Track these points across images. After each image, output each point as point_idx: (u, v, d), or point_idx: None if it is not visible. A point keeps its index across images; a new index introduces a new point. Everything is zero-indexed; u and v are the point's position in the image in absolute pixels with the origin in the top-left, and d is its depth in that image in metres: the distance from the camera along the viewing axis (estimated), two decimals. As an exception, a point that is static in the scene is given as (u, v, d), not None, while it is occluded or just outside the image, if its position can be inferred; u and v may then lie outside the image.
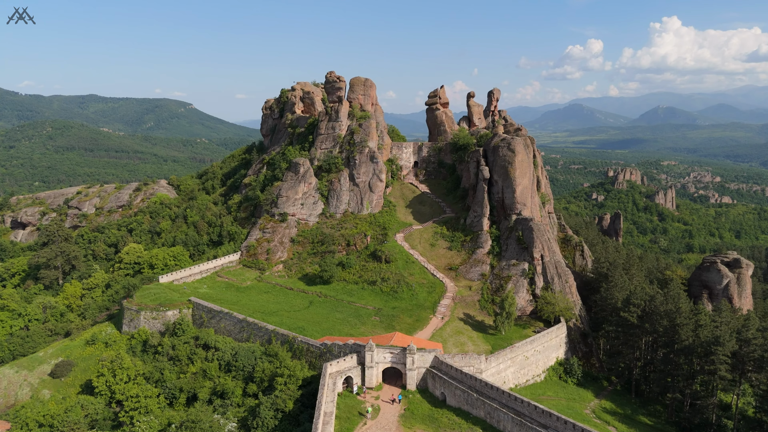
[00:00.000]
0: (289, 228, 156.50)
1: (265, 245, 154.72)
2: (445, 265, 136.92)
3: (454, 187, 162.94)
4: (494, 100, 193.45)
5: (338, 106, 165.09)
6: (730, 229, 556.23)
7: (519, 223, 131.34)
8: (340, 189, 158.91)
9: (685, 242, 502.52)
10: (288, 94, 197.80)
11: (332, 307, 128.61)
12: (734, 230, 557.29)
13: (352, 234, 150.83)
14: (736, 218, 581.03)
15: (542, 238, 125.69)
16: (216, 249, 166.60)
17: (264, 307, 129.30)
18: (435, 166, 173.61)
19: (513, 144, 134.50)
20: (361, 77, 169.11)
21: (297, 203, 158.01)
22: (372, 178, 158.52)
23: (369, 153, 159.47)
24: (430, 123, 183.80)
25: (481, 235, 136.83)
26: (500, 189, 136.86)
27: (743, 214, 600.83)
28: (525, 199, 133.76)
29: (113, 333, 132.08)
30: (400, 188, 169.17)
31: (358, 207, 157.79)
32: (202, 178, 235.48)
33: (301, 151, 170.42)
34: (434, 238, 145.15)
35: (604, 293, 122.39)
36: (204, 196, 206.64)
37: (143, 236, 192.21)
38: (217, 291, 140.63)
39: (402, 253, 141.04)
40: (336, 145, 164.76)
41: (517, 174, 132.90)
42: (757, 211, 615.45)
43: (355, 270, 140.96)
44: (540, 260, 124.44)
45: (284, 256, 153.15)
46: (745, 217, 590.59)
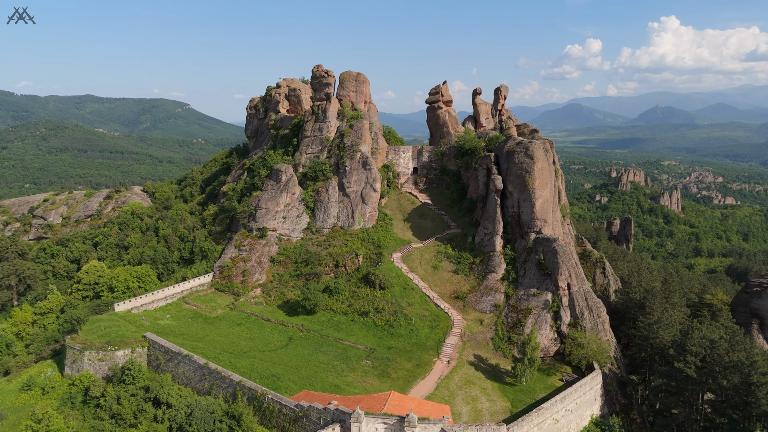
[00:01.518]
0: (269, 245, 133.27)
1: (241, 265, 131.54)
2: (450, 292, 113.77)
3: (460, 198, 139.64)
4: (501, 98, 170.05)
5: (326, 105, 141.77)
6: (738, 232, 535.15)
7: (539, 243, 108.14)
8: (327, 200, 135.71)
9: (693, 245, 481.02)
10: (272, 91, 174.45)
11: (315, 345, 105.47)
12: (741, 233, 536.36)
13: (341, 253, 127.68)
14: (743, 220, 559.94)
15: (568, 263, 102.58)
16: (187, 268, 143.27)
17: (234, 344, 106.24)
18: (437, 173, 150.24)
19: (531, 149, 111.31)
20: (352, 71, 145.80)
21: (278, 216, 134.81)
22: (364, 187, 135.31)
23: (361, 158, 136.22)
24: (431, 124, 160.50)
25: (493, 257, 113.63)
26: (516, 202, 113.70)
27: (750, 216, 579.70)
28: (546, 214, 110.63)
29: (54, 376, 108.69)
30: (397, 198, 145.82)
31: (348, 221, 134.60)
32: (181, 184, 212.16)
33: (285, 156, 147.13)
34: (437, 258, 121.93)
35: (644, 329, 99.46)
36: (180, 205, 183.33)
37: (109, 251, 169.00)
38: (181, 322, 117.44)
39: (399, 277, 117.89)
40: (323, 150, 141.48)
41: (537, 185, 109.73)
42: (764, 212, 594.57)
43: (344, 297, 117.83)
44: (566, 290, 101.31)
45: (262, 278, 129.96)
46: (752, 219, 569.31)
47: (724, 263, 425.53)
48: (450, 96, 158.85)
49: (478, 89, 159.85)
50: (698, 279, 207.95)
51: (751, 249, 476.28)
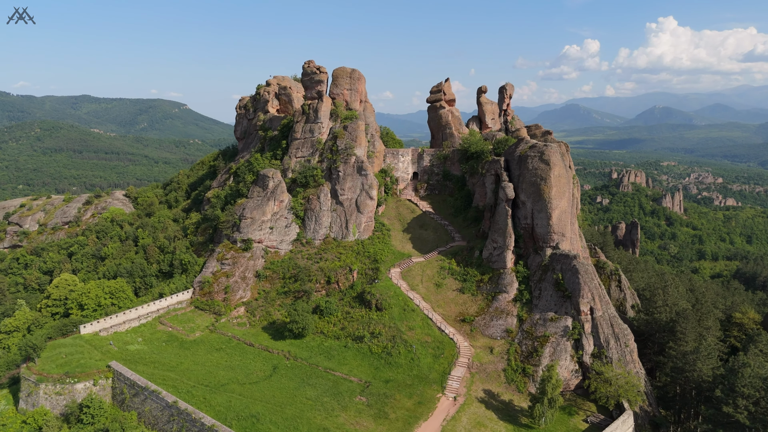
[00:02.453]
0: (254, 259, 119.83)
1: (224, 281, 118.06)
2: (455, 314, 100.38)
3: (464, 206, 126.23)
4: (507, 98, 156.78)
5: (317, 104, 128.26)
6: (741, 234, 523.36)
7: (557, 260, 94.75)
8: (319, 209, 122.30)
9: (696, 248, 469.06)
10: (261, 90, 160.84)
11: (303, 377, 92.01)
12: (745, 235, 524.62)
13: (333, 268, 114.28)
14: (746, 222, 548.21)
15: (591, 284, 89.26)
16: (165, 283, 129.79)
17: (211, 375, 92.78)
18: (439, 179, 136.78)
19: (547, 153, 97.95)
20: (346, 67, 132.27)
21: (265, 227, 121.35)
22: (360, 194, 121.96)
23: (356, 163, 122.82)
24: (432, 124, 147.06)
25: (503, 275, 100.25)
26: (529, 213, 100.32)
27: (752, 218, 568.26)
28: (563, 227, 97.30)
29: (7, 411, 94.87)
30: (395, 206, 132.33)
31: (342, 231, 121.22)
32: (166, 188, 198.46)
33: (273, 161, 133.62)
34: (440, 275, 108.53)
35: (677, 360, 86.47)
36: (164, 212, 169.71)
37: (85, 261, 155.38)
38: (154, 347, 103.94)
39: (398, 296, 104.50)
40: (315, 153, 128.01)
41: (554, 194, 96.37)
42: (767, 214, 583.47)
43: (337, 319, 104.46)
44: (589, 315, 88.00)
45: (246, 295, 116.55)
46: (755, 221, 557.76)
47: (729, 267, 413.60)
48: (453, 94, 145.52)
49: (484, 87, 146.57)
50: (716, 290, 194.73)
51: (755, 252, 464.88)
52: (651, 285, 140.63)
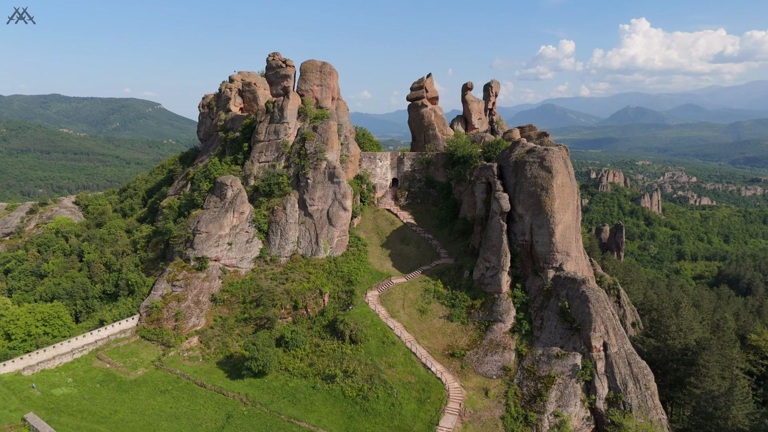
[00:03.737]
0: (210, 280, 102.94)
1: (174, 306, 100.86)
2: (443, 347, 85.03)
3: (450, 217, 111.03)
4: (492, 96, 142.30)
5: (283, 102, 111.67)
6: (719, 234, 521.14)
7: (562, 285, 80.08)
8: (285, 221, 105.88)
9: (675, 248, 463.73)
10: (223, 86, 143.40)
11: (262, 429, 75.78)
12: (722, 234, 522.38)
13: (301, 290, 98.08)
14: (723, 221, 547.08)
15: (604, 314, 74.75)
16: (110, 306, 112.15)
17: (150, 428, 76.02)
18: (422, 186, 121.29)
19: (549, 159, 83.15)
20: (316, 60, 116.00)
21: (222, 242, 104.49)
22: (332, 205, 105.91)
23: (327, 169, 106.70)
24: (413, 125, 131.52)
25: (498, 301, 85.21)
26: (527, 228, 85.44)
27: (729, 217, 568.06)
28: (568, 245, 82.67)
29: None
30: (373, 218, 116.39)
31: (311, 247, 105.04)
32: (122, 194, 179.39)
33: (233, 166, 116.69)
34: (425, 299, 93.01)
35: (705, 403, 72.60)
36: (115, 222, 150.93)
37: (23, 279, 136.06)
38: (85, 390, 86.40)
39: (376, 325, 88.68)
40: (280, 157, 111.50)
41: (557, 206, 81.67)
42: (742, 213, 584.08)
43: (304, 353, 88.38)
44: (602, 351, 73.47)
45: (201, 323, 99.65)
46: (731, 220, 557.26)
47: (710, 268, 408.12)
48: (435, 91, 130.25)
49: (469, 84, 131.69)
50: (710, 298, 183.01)
51: (733, 251, 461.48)
52: (652, 300, 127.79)
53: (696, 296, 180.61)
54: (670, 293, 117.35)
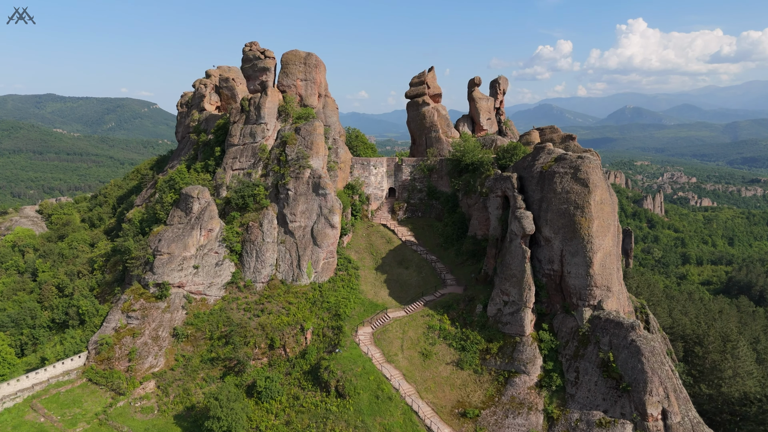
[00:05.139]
0: (172, 310, 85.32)
1: (129, 342, 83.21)
2: (452, 404, 67.57)
3: (457, 235, 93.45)
4: (500, 93, 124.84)
5: (261, 99, 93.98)
6: (723, 236, 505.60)
7: (603, 330, 62.70)
8: (262, 240, 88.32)
9: (680, 251, 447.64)
10: (197, 83, 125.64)
11: None
12: (726, 237, 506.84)
13: (279, 325, 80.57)
14: (726, 224, 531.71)
15: (661, 371, 57.36)
16: (59, 338, 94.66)
17: None
18: (423, 197, 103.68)
19: (585, 170, 65.76)
20: (299, 51, 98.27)
21: (187, 265, 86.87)
22: (317, 221, 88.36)
23: (312, 178, 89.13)
24: (413, 126, 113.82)
25: (521, 346, 67.79)
26: (557, 255, 68.04)
27: (732, 219, 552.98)
28: (609, 277, 65.32)
29: None
30: (366, 235, 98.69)
31: (292, 272, 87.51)
32: (92, 201, 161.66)
33: (203, 174, 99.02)
34: (428, 338, 75.51)
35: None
36: (79, 235, 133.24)
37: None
38: (7, 456, 69.16)
39: (369, 373, 71.14)
40: (257, 164, 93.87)
41: (595, 229, 64.30)
42: (746, 215, 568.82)
43: (281, 406, 70.94)
44: (659, 421, 56.11)
45: (159, 363, 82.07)
46: (735, 222, 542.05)
47: (717, 272, 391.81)
48: (438, 87, 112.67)
49: (477, 79, 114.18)
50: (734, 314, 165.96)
51: (738, 254, 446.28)
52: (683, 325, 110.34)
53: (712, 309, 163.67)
54: (714, 324, 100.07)
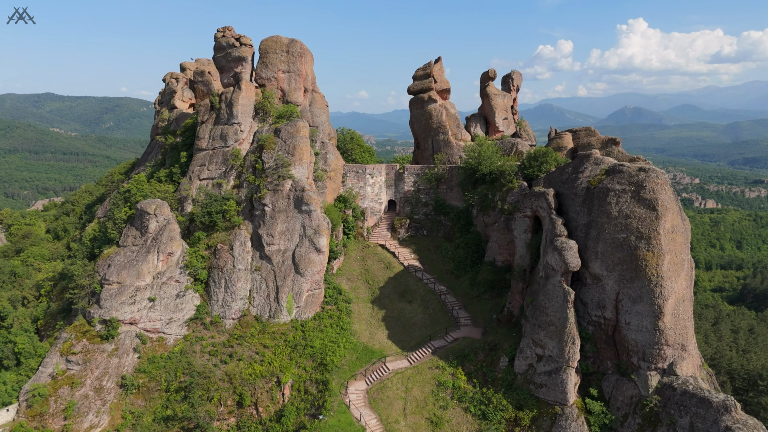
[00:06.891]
0: (121, 354, 68.25)
1: (66, 394, 66.12)
2: (470, 496, 50.64)
3: (472, 260, 76.19)
4: (514, 91, 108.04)
5: (233, 94, 76.87)
6: (731, 239, 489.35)
7: (679, 405, 45.65)
8: (232, 267, 71.22)
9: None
10: (168, 76, 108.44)
11: None
12: (734, 240, 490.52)
13: (250, 377, 63.53)
14: (734, 226, 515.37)
15: (773, 474, 40.45)
16: (-8, 381, 77.61)
17: None
18: (429, 212, 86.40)
19: (651, 186, 48.68)
20: (281, 37, 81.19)
21: (141, 297, 69.76)
22: (300, 244, 71.25)
23: (294, 191, 71.99)
24: (417, 127, 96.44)
25: (563, 420, 50.66)
26: (611, 299, 50.99)
27: (739, 221, 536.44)
28: (683, 332, 48.23)
29: None
30: (361, 258, 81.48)
31: (269, 306, 70.43)
32: (60, 209, 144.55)
33: (165, 184, 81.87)
34: (438, 400, 58.41)
35: None
36: (38, 249, 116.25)
37: None
38: None
39: (361, 447, 54.29)
40: (229, 173, 76.75)
41: (666, 267, 47.26)
42: (753, 217, 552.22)
43: (247, 493, 53.91)
44: None
45: (102, 423, 64.94)
46: (742, 225, 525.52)
47: (728, 278, 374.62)
48: (447, 82, 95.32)
49: (492, 72, 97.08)
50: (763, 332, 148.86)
51: (747, 258, 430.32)
52: (725, 356, 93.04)
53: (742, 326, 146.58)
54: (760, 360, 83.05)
